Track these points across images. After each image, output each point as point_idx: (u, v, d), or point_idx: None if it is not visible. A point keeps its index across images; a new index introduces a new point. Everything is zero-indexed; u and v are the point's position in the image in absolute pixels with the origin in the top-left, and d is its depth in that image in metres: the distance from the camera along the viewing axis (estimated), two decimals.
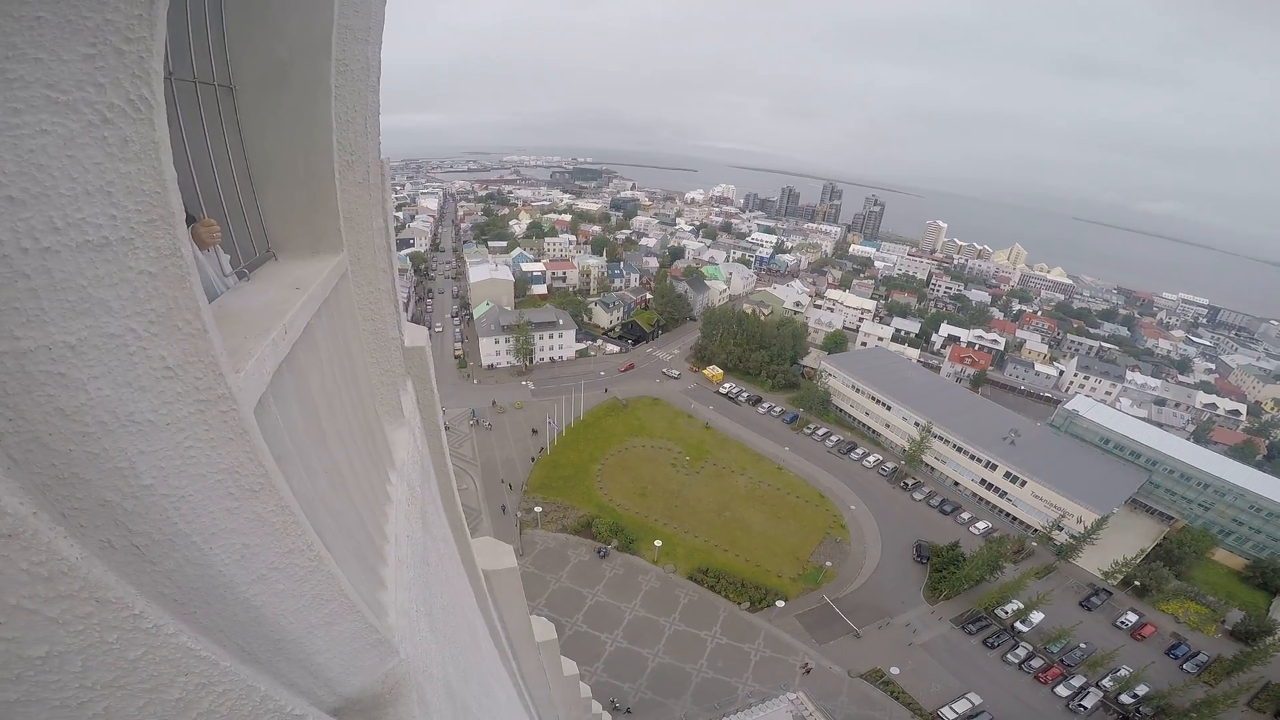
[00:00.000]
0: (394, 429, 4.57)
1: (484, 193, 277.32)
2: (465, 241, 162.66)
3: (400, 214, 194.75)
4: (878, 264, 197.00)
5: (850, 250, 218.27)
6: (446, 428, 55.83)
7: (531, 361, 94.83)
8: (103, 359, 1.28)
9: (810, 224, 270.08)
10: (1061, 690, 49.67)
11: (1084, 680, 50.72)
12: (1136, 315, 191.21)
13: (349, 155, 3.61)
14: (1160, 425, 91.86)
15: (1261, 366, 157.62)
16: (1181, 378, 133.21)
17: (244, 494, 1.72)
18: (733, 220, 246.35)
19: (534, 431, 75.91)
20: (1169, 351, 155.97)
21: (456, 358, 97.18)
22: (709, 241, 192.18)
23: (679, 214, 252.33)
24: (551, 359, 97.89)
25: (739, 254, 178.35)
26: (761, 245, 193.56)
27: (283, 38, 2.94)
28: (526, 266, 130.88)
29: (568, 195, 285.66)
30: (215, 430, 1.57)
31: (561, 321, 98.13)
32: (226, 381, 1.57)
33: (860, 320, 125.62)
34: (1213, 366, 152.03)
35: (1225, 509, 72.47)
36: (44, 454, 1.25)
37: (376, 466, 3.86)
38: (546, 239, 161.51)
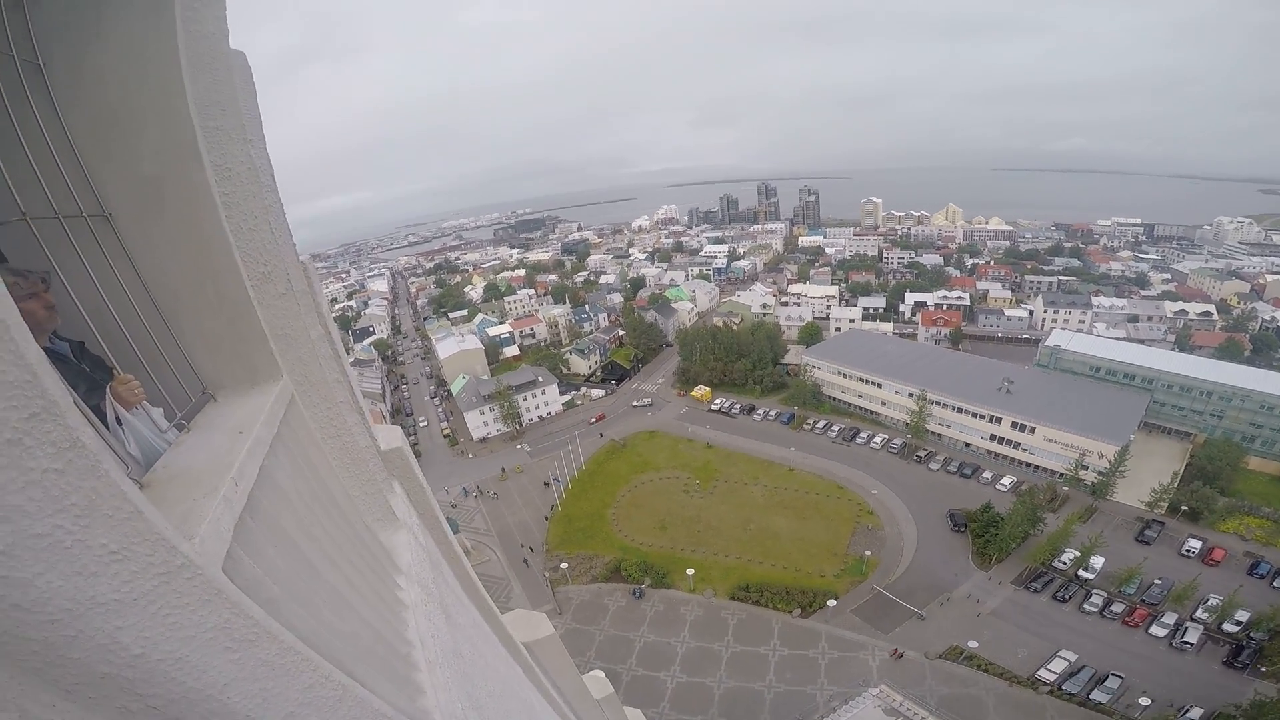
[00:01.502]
0: (391, 534, 4.40)
1: (431, 264, 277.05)
2: (425, 318, 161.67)
3: (353, 302, 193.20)
4: (829, 250, 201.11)
5: (799, 243, 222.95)
6: (453, 505, 54.70)
7: (521, 424, 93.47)
8: (40, 557, 1.27)
9: (755, 226, 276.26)
10: (1157, 630, 48.00)
11: (1176, 616, 48.86)
12: (1081, 245, 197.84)
13: (262, 267, 3.29)
14: (1142, 341, 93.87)
15: (1212, 268, 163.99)
16: (1144, 292, 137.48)
17: (242, 645, 1.73)
18: (682, 238, 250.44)
19: (546, 484, 75.12)
20: (1123, 271, 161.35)
21: (446, 437, 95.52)
22: (666, 264, 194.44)
23: (631, 244, 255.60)
24: (540, 417, 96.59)
25: (696, 270, 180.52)
26: (715, 257, 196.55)
27: (141, 152, 2.67)
28: (493, 331, 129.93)
29: (516, 250, 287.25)
30: (188, 596, 1.57)
31: (541, 378, 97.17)
32: (182, 551, 1.57)
33: (828, 308, 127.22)
34: (1168, 276, 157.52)
35: (1238, 415, 71.25)
36: (19, 642, 1.27)
37: (381, 578, 3.71)
38: (506, 298, 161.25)
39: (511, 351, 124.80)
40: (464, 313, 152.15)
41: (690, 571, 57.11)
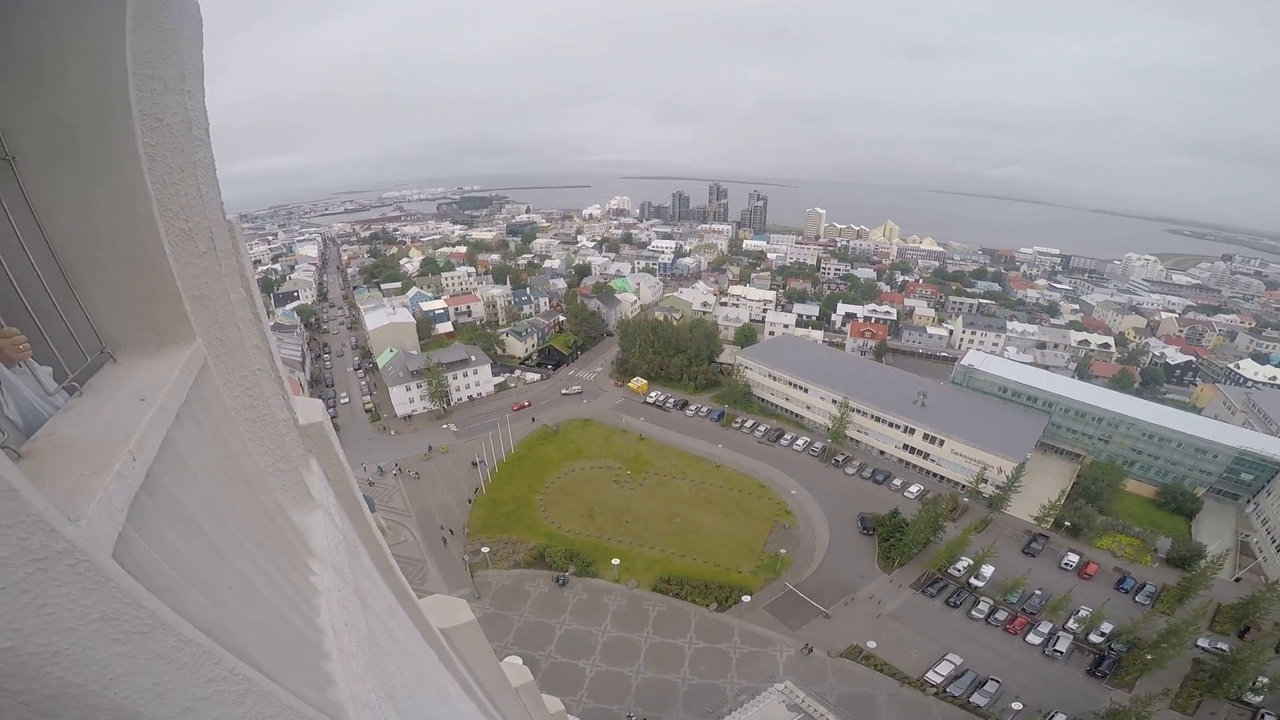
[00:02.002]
0: (305, 514, 4.16)
1: (367, 233, 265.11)
2: (355, 287, 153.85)
3: (278, 266, 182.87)
4: (770, 255, 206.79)
5: (744, 245, 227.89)
6: (370, 483, 52.72)
7: (450, 403, 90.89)
8: None
9: (703, 225, 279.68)
10: (1033, 638, 51.99)
11: (1051, 626, 53.06)
12: (1003, 271, 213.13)
13: (183, 223, 3.08)
14: (1047, 367, 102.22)
15: (1116, 301, 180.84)
16: (1053, 320, 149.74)
17: (133, 637, 1.58)
18: (632, 230, 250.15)
19: (473, 464, 73.46)
20: (1037, 299, 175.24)
21: (368, 411, 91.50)
22: (613, 255, 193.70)
23: (580, 231, 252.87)
24: (470, 397, 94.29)
25: (643, 263, 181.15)
26: (663, 252, 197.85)
27: (62, 96, 2.46)
28: (427, 305, 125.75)
29: (459, 226, 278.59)
30: (70, 585, 1.42)
31: (474, 358, 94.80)
32: (64, 535, 1.41)
33: (764, 311, 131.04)
34: (1076, 307, 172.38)
35: (1122, 440, 79.28)
36: None
37: (293, 562, 3.47)
38: (444, 274, 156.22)
39: (445, 328, 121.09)
40: (398, 285, 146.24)
41: (616, 562, 57.57)
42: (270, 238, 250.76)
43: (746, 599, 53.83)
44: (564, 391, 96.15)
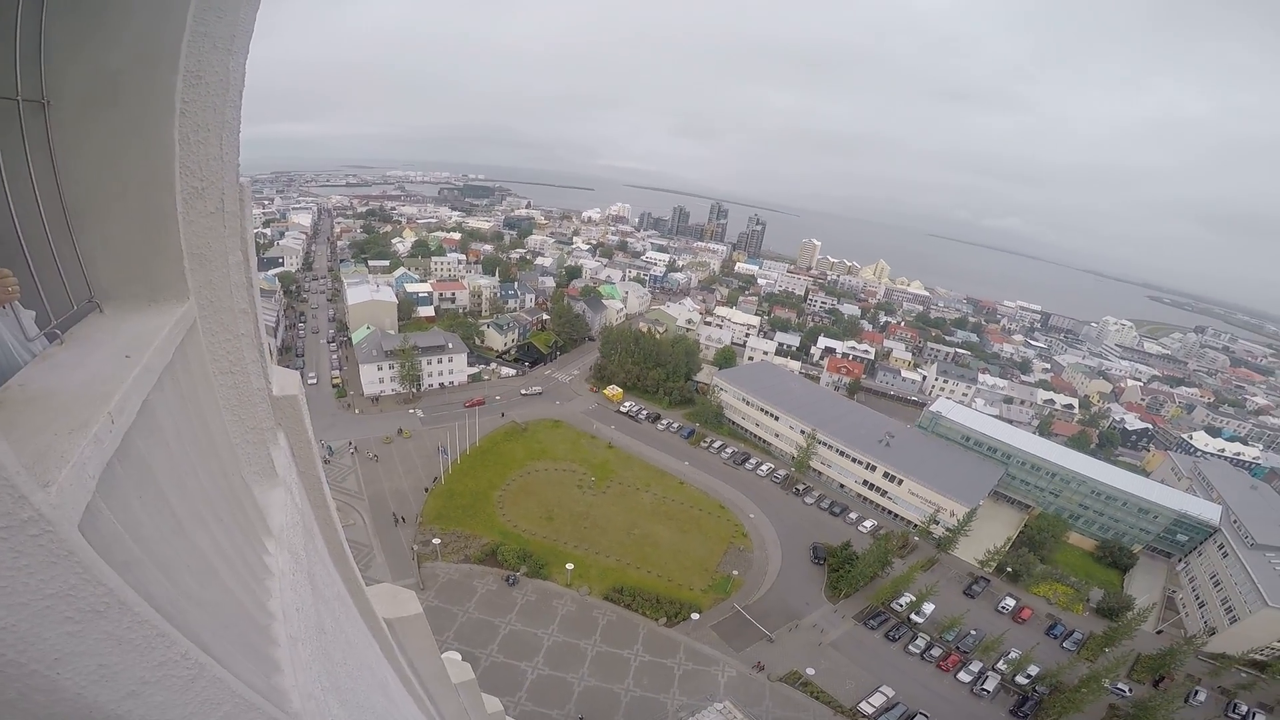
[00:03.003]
0: (267, 491, 3.99)
1: (364, 208, 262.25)
2: (343, 260, 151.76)
3: (268, 231, 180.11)
4: (760, 281, 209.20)
5: (736, 268, 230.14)
6: (326, 460, 51.32)
7: (420, 388, 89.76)
8: None
9: (699, 243, 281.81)
10: (963, 676, 53.45)
11: (981, 665, 54.71)
12: (983, 322, 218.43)
13: (198, 181, 3.01)
14: (1010, 421, 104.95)
15: (1086, 364, 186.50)
16: (1024, 377, 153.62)
17: (86, 616, 1.45)
18: (628, 239, 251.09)
19: (440, 449, 72.51)
20: (1012, 354, 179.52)
21: (335, 386, 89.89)
22: (606, 260, 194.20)
23: (576, 233, 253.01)
24: (441, 385, 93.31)
25: (634, 273, 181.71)
26: (655, 264, 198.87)
27: (116, 45, 2.38)
28: (411, 287, 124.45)
29: (457, 213, 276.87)
30: (30, 557, 1.31)
31: (451, 345, 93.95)
32: (32, 502, 1.29)
33: (747, 336, 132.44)
34: (1048, 366, 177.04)
35: (1071, 495, 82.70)
36: None
37: (250, 541, 3.34)
38: (434, 258, 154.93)
39: (426, 312, 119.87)
40: (386, 263, 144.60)
41: (569, 566, 57.10)
42: (267, 202, 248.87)
43: (695, 616, 53.97)
44: (523, 392, 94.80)
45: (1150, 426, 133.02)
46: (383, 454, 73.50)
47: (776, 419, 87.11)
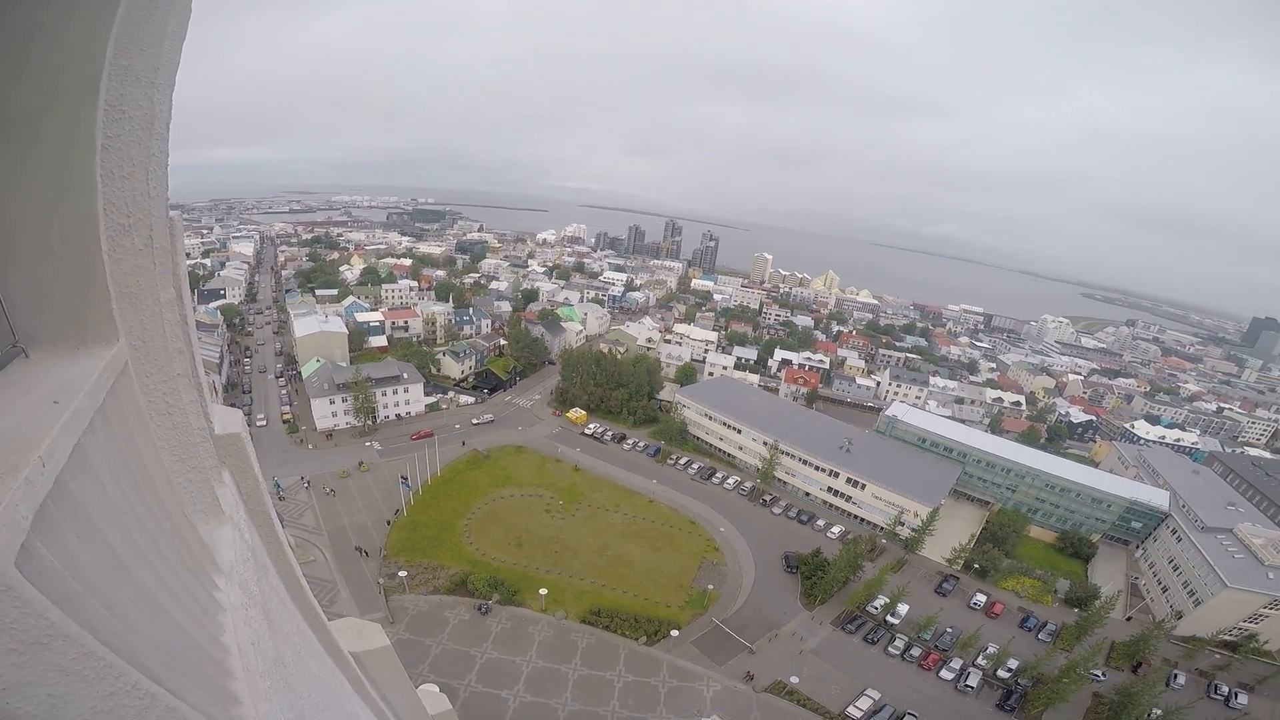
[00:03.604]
0: (213, 528, 4.01)
1: (310, 236, 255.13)
2: (288, 290, 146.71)
3: (208, 261, 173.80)
4: (716, 296, 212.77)
5: (692, 284, 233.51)
6: (281, 497, 49.88)
7: (375, 421, 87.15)
8: None
9: (656, 261, 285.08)
10: (945, 674, 54.22)
11: (962, 662, 55.56)
12: (930, 327, 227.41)
13: (123, 218, 2.92)
14: (963, 421, 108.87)
15: (1029, 362, 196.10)
16: (972, 378, 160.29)
17: (30, 648, 1.55)
18: (585, 260, 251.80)
19: (403, 478, 70.50)
20: (959, 356, 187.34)
21: (286, 422, 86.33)
22: (563, 282, 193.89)
23: (531, 255, 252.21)
24: (398, 415, 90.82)
25: (592, 293, 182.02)
26: (613, 284, 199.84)
27: (32, 82, 2.32)
28: (362, 317, 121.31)
29: (407, 238, 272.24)
30: None
31: (406, 375, 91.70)
32: None
33: (706, 352, 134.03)
34: (994, 365, 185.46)
35: (1027, 489, 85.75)
36: None
37: (198, 577, 3.38)
38: (384, 285, 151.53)
39: (379, 342, 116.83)
40: (334, 292, 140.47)
41: (543, 591, 56.15)
42: (205, 231, 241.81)
43: (675, 633, 53.64)
44: (475, 421, 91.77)
45: (1094, 418, 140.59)
46: (340, 488, 71.22)
47: (739, 432, 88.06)
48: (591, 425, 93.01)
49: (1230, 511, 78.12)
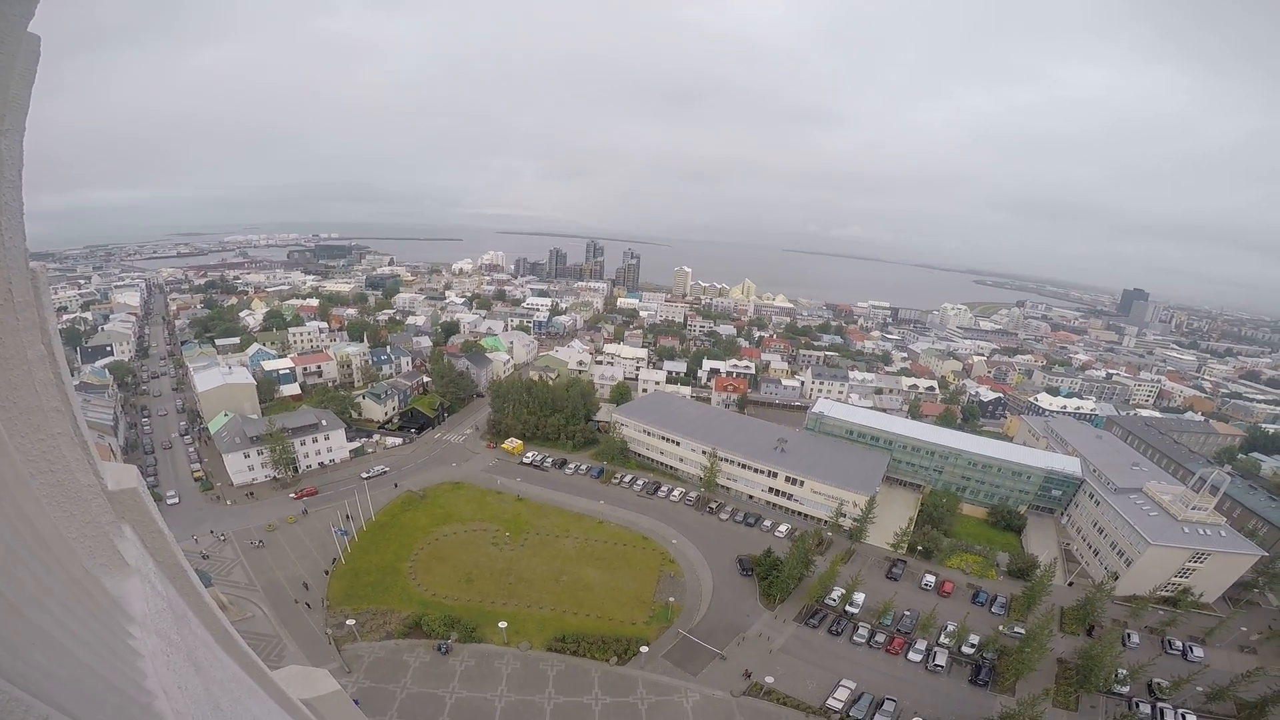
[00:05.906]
0: (120, 580, 3.81)
1: (203, 280, 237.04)
2: (184, 342, 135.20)
3: (89, 314, 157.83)
4: (643, 313, 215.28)
5: (618, 303, 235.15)
6: (205, 556, 46.49)
7: (297, 470, 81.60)
8: None
9: (580, 283, 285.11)
10: (913, 656, 55.70)
11: (926, 643, 57.04)
12: (844, 324, 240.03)
13: None
14: (885, 410, 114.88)
15: (937, 348, 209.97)
16: (887, 368, 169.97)
17: None
18: (506, 287, 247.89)
19: (343, 523, 68.07)
20: (873, 349, 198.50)
21: (198, 480, 79.50)
22: (484, 312, 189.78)
23: (448, 286, 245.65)
24: (321, 464, 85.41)
25: (517, 321, 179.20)
26: (538, 309, 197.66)
27: None
28: (270, 365, 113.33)
29: (312, 276, 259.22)
30: None
31: (325, 422, 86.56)
32: None
33: (638, 369, 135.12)
34: (906, 355, 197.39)
35: (952, 469, 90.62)
36: None
37: (107, 625, 3.24)
38: (291, 329, 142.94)
39: (292, 390, 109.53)
40: (236, 340, 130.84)
41: (503, 624, 54.24)
42: (81, 281, 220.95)
43: (645, 650, 53.06)
44: (364, 475, 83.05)
45: (1001, 395, 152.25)
46: (268, 540, 67.02)
47: (678, 444, 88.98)
48: (530, 454, 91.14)
49: (1136, 471, 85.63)
